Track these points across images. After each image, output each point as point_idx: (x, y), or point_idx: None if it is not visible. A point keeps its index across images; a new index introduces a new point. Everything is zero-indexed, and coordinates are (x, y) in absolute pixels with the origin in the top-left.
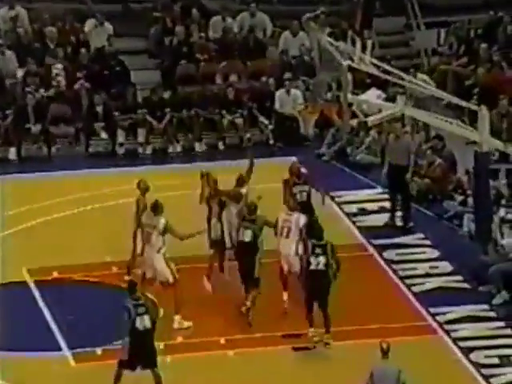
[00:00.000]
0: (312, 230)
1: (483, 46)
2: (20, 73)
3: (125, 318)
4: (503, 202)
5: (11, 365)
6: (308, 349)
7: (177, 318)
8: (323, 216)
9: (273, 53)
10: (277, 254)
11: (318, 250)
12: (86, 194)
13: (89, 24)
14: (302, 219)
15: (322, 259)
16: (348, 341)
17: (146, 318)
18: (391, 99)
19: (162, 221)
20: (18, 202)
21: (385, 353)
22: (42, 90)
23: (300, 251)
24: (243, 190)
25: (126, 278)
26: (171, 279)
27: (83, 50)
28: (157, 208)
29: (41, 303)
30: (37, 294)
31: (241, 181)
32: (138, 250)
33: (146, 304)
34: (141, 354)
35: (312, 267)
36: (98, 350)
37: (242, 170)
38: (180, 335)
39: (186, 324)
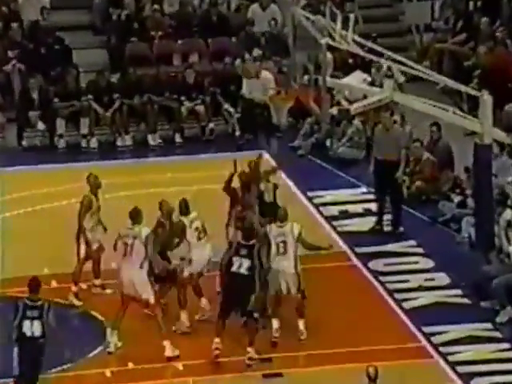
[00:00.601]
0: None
1: (484, 20)
2: None
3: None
4: (509, 202)
5: None
6: (280, 375)
7: (166, 344)
8: (299, 220)
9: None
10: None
11: (243, 251)
12: (18, 195)
13: None
14: (296, 228)
15: (245, 262)
16: (330, 365)
17: (37, 324)
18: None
19: (145, 230)
20: None
21: (372, 379)
22: None
23: (299, 268)
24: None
25: (74, 288)
26: (152, 299)
27: (15, 25)
28: (137, 215)
29: None
30: None
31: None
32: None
33: (42, 309)
34: (27, 365)
35: (233, 269)
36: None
37: (204, 166)
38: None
39: (176, 352)
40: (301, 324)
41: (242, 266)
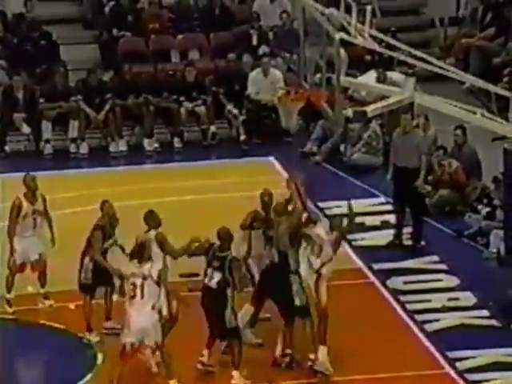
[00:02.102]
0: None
1: None
2: None
3: None
4: None
5: None
6: None
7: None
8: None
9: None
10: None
11: (215, 263)
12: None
13: None
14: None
15: (216, 275)
16: None
17: None
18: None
19: (157, 266)
20: None
21: None
22: None
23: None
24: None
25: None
26: (159, 340)
27: None
28: (144, 250)
29: None
30: None
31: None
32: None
33: None
34: None
35: (205, 281)
36: None
37: (205, 173)
38: None
39: None
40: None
41: (212, 279)
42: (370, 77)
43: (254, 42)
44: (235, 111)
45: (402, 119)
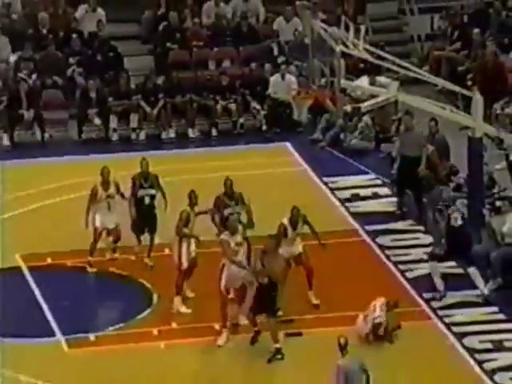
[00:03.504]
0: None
1: (476, 31)
2: (13, 58)
3: None
4: (496, 187)
5: (4, 350)
6: (300, 334)
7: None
8: (316, 202)
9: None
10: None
11: None
12: (78, 180)
13: (81, 9)
14: None
15: None
16: (342, 326)
17: None
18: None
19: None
20: (11, 188)
21: (343, 348)
22: (34, 76)
23: None
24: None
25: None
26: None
27: (75, 36)
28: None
29: (35, 289)
30: (30, 279)
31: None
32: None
33: None
34: None
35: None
36: (91, 336)
37: (235, 155)
38: (175, 321)
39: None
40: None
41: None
42: (363, 81)
43: (275, 53)
44: (258, 107)
45: (404, 119)
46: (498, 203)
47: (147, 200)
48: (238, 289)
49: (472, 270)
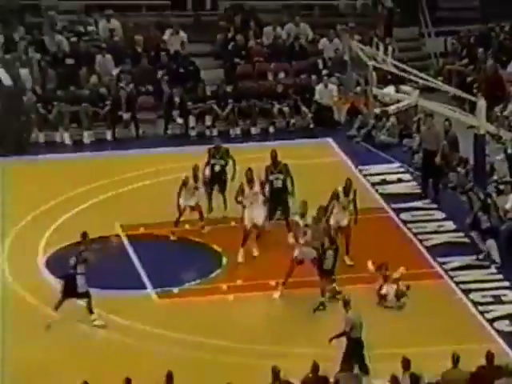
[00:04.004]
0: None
1: (480, 50)
2: (115, 71)
3: None
4: (495, 174)
5: (107, 301)
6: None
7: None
8: (355, 186)
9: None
10: None
11: None
12: (164, 167)
13: (168, 33)
14: None
15: None
16: (370, 284)
17: None
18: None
19: None
20: (112, 173)
21: (347, 304)
22: (131, 85)
23: None
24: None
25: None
26: None
27: (163, 53)
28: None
29: (130, 252)
30: (127, 244)
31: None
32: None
33: None
34: None
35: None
36: (175, 290)
37: (288, 149)
38: (240, 278)
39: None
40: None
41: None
42: (390, 89)
43: (320, 67)
44: (306, 110)
45: (426, 119)
46: (501, 187)
47: (277, 184)
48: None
49: (490, 242)
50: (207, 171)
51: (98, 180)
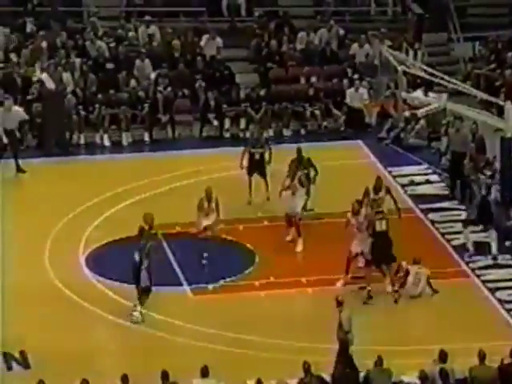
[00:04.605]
0: None
1: (509, 54)
2: (153, 75)
3: None
4: None
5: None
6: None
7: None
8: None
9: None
10: None
11: None
12: (200, 167)
13: (204, 38)
14: None
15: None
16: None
17: None
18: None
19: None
20: (150, 174)
21: (340, 304)
22: (168, 89)
23: None
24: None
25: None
26: None
27: (199, 58)
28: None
29: (167, 250)
30: (164, 243)
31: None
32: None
33: None
34: None
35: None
36: (210, 286)
37: (320, 150)
38: (272, 275)
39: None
40: None
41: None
42: (419, 93)
43: (351, 71)
44: (338, 113)
45: (455, 122)
46: None
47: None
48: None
49: (491, 232)
50: (245, 161)
51: (135, 180)
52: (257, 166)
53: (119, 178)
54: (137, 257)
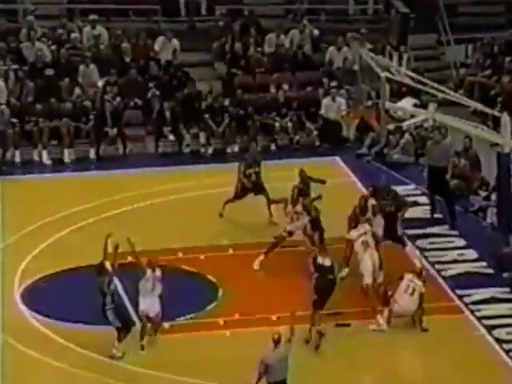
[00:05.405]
0: None
1: (507, 59)
2: (100, 83)
3: None
4: None
5: (94, 336)
6: (348, 325)
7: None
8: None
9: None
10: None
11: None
12: (155, 189)
13: (159, 40)
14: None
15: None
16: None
17: None
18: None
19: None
20: (96, 196)
21: (277, 343)
22: (118, 98)
23: None
24: None
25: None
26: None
27: (153, 63)
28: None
29: (118, 284)
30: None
31: None
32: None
33: None
34: None
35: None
36: (166, 325)
37: (291, 168)
38: (238, 312)
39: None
40: None
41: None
42: (406, 102)
43: (327, 78)
44: (311, 127)
45: (434, 134)
46: None
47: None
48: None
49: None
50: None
51: (79, 204)
52: (254, 188)
53: (61, 200)
54: (100, 297)
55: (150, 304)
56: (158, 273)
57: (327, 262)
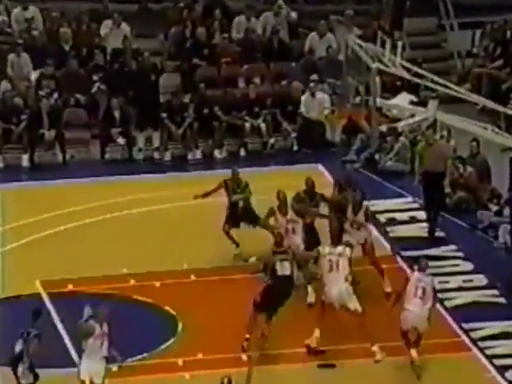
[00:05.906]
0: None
1: None
2: (34, 76)
3: None
4: None
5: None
6: (333, 366)
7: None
8: None
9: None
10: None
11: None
12: (102, 202)
13: (105, 25)
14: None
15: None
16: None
17: None
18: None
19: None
20: (30, 211)
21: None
22: (55, 95)
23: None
24: None
25: None
26: (360, 309)
27: (98, 51)
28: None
29: (55, 316)
30: (51, 307)
31: None
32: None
33: None
34: None
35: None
36: (113, 367)
37: (265, 177)
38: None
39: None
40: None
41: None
42: (401, 99)
43: (307, 70)
44: (289, 128)
45: (426, 133)
46: None
47: None
48: None
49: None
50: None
51: (8, 222)
52: (242, 215)
53: None
54: (18, 347)
55: (98, 369)
56: (106, 327)
57: (287, 272)
